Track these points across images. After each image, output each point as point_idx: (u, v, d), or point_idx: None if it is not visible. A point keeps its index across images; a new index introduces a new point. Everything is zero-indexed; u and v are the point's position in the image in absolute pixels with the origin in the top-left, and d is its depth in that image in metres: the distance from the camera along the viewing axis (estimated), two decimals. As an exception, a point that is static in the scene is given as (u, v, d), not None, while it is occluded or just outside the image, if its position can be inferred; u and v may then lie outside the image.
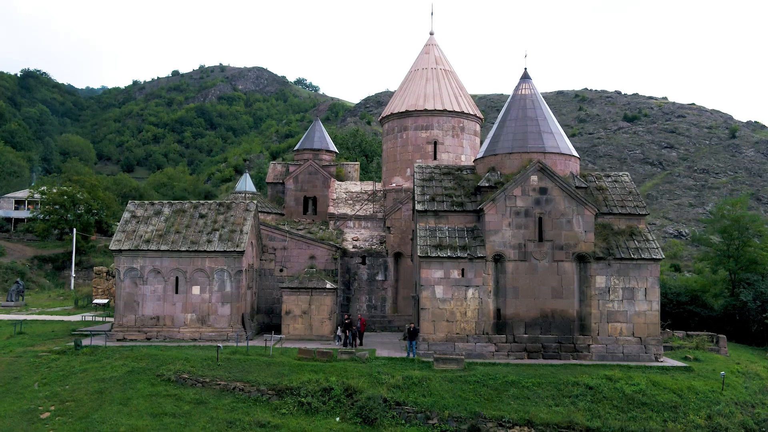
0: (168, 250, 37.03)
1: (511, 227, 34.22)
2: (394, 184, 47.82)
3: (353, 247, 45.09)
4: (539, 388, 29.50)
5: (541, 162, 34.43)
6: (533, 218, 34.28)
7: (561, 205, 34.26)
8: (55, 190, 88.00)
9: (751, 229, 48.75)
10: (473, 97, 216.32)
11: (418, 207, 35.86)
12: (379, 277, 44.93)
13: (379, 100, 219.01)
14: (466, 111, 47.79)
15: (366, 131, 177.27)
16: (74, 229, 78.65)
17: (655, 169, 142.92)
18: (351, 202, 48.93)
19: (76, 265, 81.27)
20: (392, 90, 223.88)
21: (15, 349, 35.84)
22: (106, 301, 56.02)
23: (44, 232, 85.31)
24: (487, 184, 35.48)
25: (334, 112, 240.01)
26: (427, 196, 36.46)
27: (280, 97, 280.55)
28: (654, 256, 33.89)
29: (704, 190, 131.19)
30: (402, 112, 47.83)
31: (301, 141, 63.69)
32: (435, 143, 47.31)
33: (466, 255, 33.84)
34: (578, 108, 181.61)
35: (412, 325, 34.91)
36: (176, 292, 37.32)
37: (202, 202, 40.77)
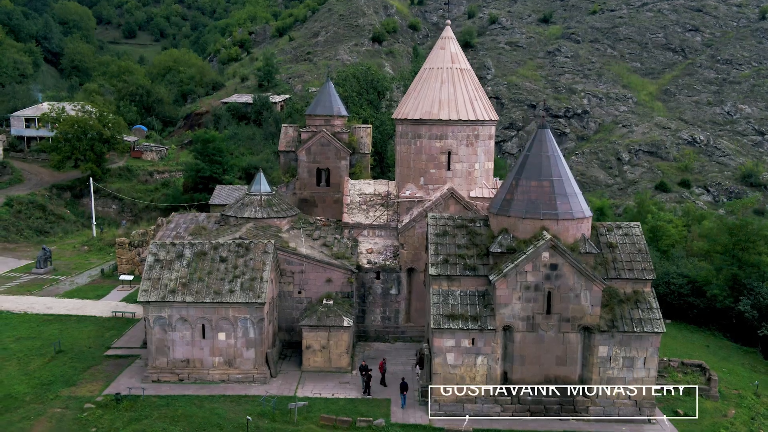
0: (193, 302, 38.94)
1: (521, 300, 35.67)
2: (407, 192, 48.24)
3: (368, 262, 46.63)
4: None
5: (553, 240, 35.02)
6: (543, 292, 35.60)
7: (570, 280, 35.39)
8: (65, 114, 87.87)
9: (756, 233, 49.51)
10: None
11: (432, 271, 37.08)
12: (393, 291, 46.94)
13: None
14: (481, 118, 46.93)
15: (377, 6, 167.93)
16: (90, 180, 79.80)
17: (676, 57, 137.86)
18: (365, 207, 49.58)
19: (94, 192, 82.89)
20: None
21: (61, 392, 38.98)
22: (131, 278, 58.67)
23: (59, 163, 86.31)
24: (499, 250, 36.38)
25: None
26: (441, 257, 37.48)
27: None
28: (656, 330, 35.56)
29: (725, 85, 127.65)
30: (416, 120, 47.05)
31: (312, 105, 62.95)
32: (449, 153, 47.08)
33: (476, 327, 35.67)
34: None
35: (403, 378, 38.18)
36: (203, 338, 39.79)
37: (221, 242, 41.83)
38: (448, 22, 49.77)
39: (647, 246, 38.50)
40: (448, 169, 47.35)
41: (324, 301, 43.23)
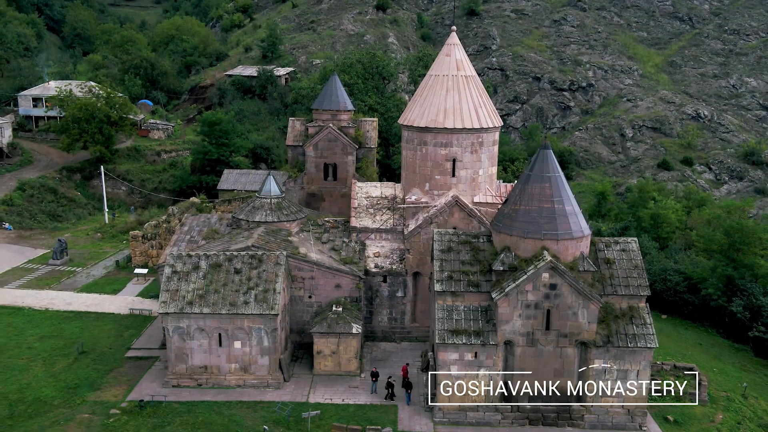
0: (210, 313, 40.99)
1: (521, 318, 37.60)
2: (413, 197, 49.71)
3: (375, 266, 48.47)
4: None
5: (553, 261, 36.69)
6: (542, 310, 37.49)
7: (569, 299, 37.23)
8: (72, 97, 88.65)
9: (751, 235, 51.04)
10: None
11: (437, 287, 38.92)
12: (399, 294, 48.89)
13: None
14: (485, 125, 48.06)
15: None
16: (101, 168, 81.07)
17: (683, 26, 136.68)
18: (372, 210, 51.10)
19: (105, 174, 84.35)
20: None
21: (87, 397, 41.41)
22: (145, 271, 60.66)
23: (69, 145, 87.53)
24: (501, 268, 38.15)
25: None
26: (446, 274, 39.28)
27: None
28: (649, 345, 37.54)
29: (731, 57, 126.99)
30: (422, 127, 48.20)
31: (318, 99, 63.99)
32: (454, 160, 48.38)
33: (479, 341, 37.72)
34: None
35: (408, 377, 41.12)
36: (220, 346, 41.99)
37: (235, 253, 43.55)
38: (454, 28, 50.31)
39: (643, 261, 40.16)
40: (453, 175, 48.71)
41: (333, 308, 45.21)
